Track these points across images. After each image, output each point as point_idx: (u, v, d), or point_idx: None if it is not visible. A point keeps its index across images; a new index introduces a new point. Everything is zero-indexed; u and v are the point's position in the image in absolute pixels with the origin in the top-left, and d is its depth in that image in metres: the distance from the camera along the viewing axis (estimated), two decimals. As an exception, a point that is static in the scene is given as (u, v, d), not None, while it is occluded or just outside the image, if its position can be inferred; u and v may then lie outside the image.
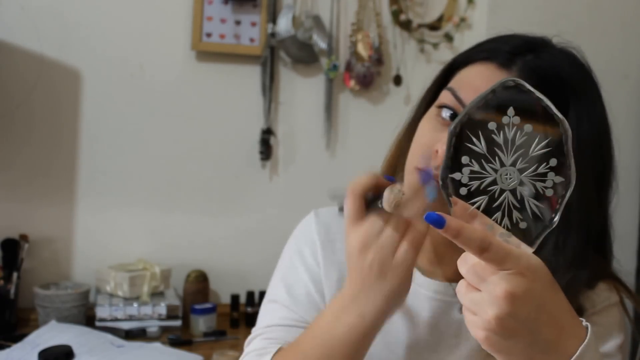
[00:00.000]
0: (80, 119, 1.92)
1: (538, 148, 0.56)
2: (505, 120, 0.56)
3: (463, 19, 2.18)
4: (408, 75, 2.11)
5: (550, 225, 0.57)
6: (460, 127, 0.57)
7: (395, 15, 2.12)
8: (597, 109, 0.80)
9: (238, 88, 2.03)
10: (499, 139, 0.56)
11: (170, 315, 1.78)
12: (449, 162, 0.57)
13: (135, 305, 1.76)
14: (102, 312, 1.73)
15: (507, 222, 0.57)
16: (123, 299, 1.78)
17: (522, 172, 0.56)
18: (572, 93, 0.77)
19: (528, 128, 0.56)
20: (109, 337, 1.64)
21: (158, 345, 1.65)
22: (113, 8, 1.92)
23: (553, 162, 0.55)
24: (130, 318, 1.75)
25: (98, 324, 1.72)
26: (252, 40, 2.01)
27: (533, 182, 0.56)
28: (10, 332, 1.68)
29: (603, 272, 0.85)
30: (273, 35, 2.00)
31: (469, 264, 0.57)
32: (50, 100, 1.89)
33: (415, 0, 2.16)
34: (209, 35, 1.97)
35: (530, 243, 0.57)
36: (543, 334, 0.56)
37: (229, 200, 2.05)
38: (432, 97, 0.85)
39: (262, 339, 0.84)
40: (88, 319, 1.76)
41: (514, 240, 0.57)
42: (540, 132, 0.56)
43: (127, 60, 1.94)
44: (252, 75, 2.03)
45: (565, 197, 0.56)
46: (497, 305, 0.54)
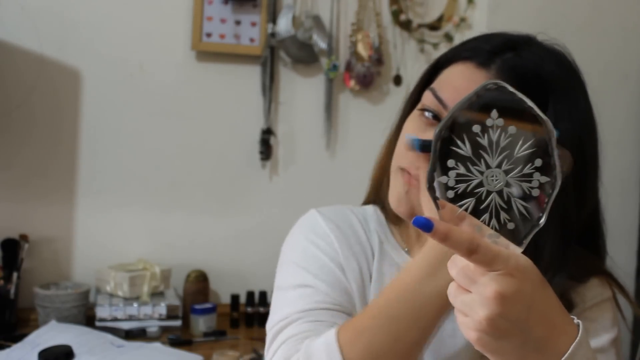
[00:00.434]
0: (80, 119, 1.92)
1: (523, 149, 0.56)
2: (489, 123, 0.56)
3: (463, 19, 2.18)
4: (408, 75, 2.11)
5: (538, 225, 0.57)
6: (445, 130, 0.58)
7: (395, 15, 2.12)
8: (579, 107, 0.79)
9: (238, 88, 2.03)
10: (484, 141, 0.57)
11: (170, 315, 1.78)
12: (436, 165, 0.58)
13: (135, 305, 1.76)
14: (102, 312, 1.73)
15: (495, 223, 0.57)
16: (123, 299, 1.78)
17: (507, 173, 0.57)
18: (551, 91, 0.76)
19: (512, 129, 0.56)
20: (109, 337, 1.64)
21: (158, 345, 1.65)
22: (113, 8, 1.92)
23: (538, 162, 0.56)
24: (130, 318, 1.75)
25: (98, 324, 1.72)
26: (252, 40, 2.01)
27: (519, 182, 0.57)
28: (10, 332, 1.68)
29: (595, 268, 0.85)
30: (273, 35, 2.00)
31: (459, 266, 0.57)
32: (50, 100, 1.89)
33: (415, 0, 2.16)
34: (209, 35, 1.98)
35: (519, 243, 0.58)
36: (534, 333, 0.57)
37: (229, 200, 2.05)
38: (417, 97, 0.85)
39: (304, 323, 0.80)
40: (88, 319, 1.76)
41: (503, 241, 0.57)
42: (525, 133, 0.56)
43: (127, 60, 1.94)
44: (252, 75, 2.03)
45: (552, 196, 0.56)
46: (487, 306, 0.55)
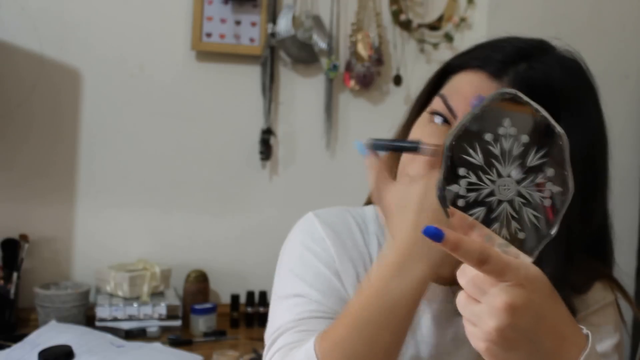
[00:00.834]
0: (80, 119, 1.92)
1: (535, 159, 0.56)
2: (502, 132, 0.56)
3: (463, 19, 2.18)
4: (408, 75, 2.11)
5: (549, 235, 0.57)
6: (457, 138, 0.57)
7: (395, 15, 2.12)
8: (591, 120, 0.78)
9: (238, 88, 2.03)
10: (496, 150, 0.56)
11: (170, 315, 1.78)
12: (446, 174, 0.57)
13: (135, 305, 1.76)
14: (102, 312, 1.73)
15: (505, 232, 0.57)
16: (123, 299, 1.78)
17: (519, 182, 0.56)
18: (563, 104, 0.74)
19: (525, 139, 0.56)
20: (109, 337, 1.64)
21: (158, 345, 1.65)
22: (113, 8, 1.92)
23: (550, 172, 0.56)
24: (130, 318, 1.75)
25: (98, 324, 1.72)
26: (252, 40, 2.01)
27: (531, 192, 0.56)
28: (10, 332, 1.68)
29: (598, 272, 0.84)
30: (273, 35, 2.00)
31: (469, 276, 0.57)
32: (50, 100, 1.89)
33: (415, 0, 2.16)
34: (209, 35, 1.97)
35: (529, 253, 0.57)
36: (544, 344, 0.56)
37: (229, 200, 2.05)
38: (425, 100, 0.84)
39: (294, 332, 0.81)
40: (88, 319, 1.76)
41: (513, 251, 0.57)
42: (537, 143, 0.56)
43: (127, 60, 1.94)
44: (252, 75, 2.03)
45: (564, 207, 0.56)
46: (497, 317, 0.54)
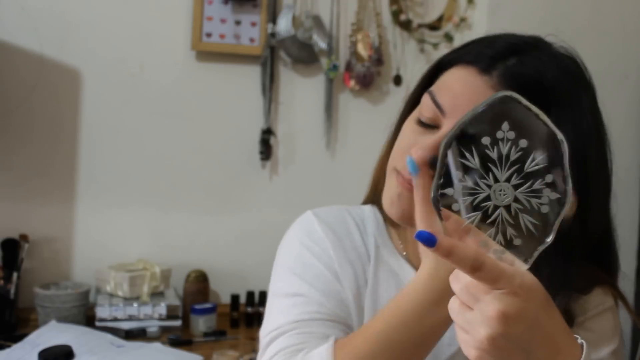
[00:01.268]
0: (80, 119, 1.92)
1: (533, 164, 0.55)
2: (500, 135, 0.55)
3: (463, 19, 2.18)
4: (408, 75, 2.11)
5: (545, 243, 0.56)
6: (453, 141, 0.56)
7: (395, 15, 2.12)
8: (585, 118, 0.75)
9: (238, 88, 2.03)
10: (493, 154, 0.55)
11: (170, 315, 1.78)
12: (441, 177, 0.56)
13: (135, 305, 1.76)
14: (102, 312, 1.73)
15: (501, 238, 0.56)
16: (123, 299, 1.78)
17: (516, 188, 0.55)
18: (554, 101, 0.72)
19: (523, 143, 0.54)
20: (109, 337, 1.64)
21: (158, 345, 1.65)
22: (113, 8, 1.92)
23: (549, 178, 0.54)
24: (130, 318, 1.75)
25: (98, 324, 1.72)
26: (252, 40, 2.01)
27: (528, 198, 0.55)
28: (10, 332, 1.68)
29: (598, 278, 0.83)
30: (273, 35, 2.00)
31: (462, 283, 0.56)
32: (50, 100, 1.89)
33: (415, 0, 2.16)
34: (209, 35, 1.97)
35: (525, 260, 0.56)
36: (537, 354, 0.56)
37: (229, 200, 2.05)
38: (417, 98, 0.83)
39: (295, 334, 0.78)
40: (88, 319, 1.76)
41: (508, 257, 0.56)
42: (536, 147, 0.54)
43: (127, 61, 1.94)
44: (252, 75, 2.03)
45: (561, 214, 0.55)
46: (489, 325, 0.54)
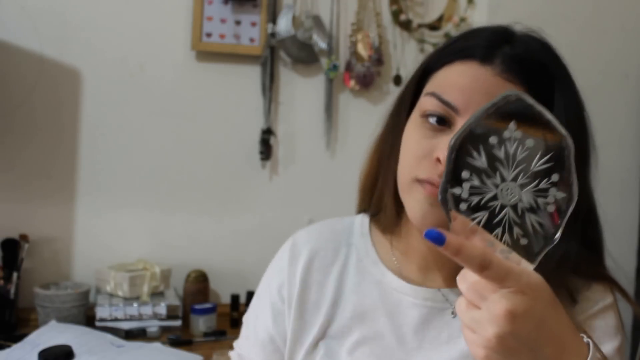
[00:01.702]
0: (80, 119, 1.92)
1: (540, 163, 0.55)
2: (507, 135, 0.55)
3: (463, 19, 2.18)
4: (408, 75, 2.10)
5: (552, 242, 0.56)
6: (461, 141, 0.56)
7: (395, 15, 2.12)
8: (574, 89, 0.79)
9: (238, 88, 2.03)
10: (500, 154, 0.55)
11: (170, 315, 1.78)
12: (449, 176, 0.56)
13: (135, 305, 1.76)
14: (102, 312, 1.73)
15: (507, 238, 0.56)
16: (123, 299, 1.78)
17: (523, 187, 0.55)
18: (555, 77, 0.76)
19: (530, 142, 0.55)
20: (109, 337, 1.64)
21: (158, 345, 1.65)
22: (113, 8, 1.92)
23: (555, 177, 0.55)
24: (130, 318, 1.75)
25: (98, 324, 1.72)
26: (252, 40, 2.01)
27: (534, 197, 0.55)
28: (10, 332, 1.68)
29: (598, 273, 0.83)
30: (273, 35, 2.00)
31: (469, 282, 0.56)
32: (50, 100, 1.89)
33: (415, 0, 2.16)
34: (209, 35, 1.97)
35: (531, 259, 0.56)
36: (544, 352, 0.56)
37: (229, 200, 2.05)
38: (409, 104, 0.83)
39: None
40: (88, 319, 1.76)
41: (515, 257, 0.56)
42: (543, 147, 0.54)
43: (127, 60, 1.94)
44: (252, 75, 2.03)
45: (567, 213, 0.55)
46: (497, 324, 0.54)
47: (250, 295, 1.93)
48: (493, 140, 0.55)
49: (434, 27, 2.17)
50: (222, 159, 2.04)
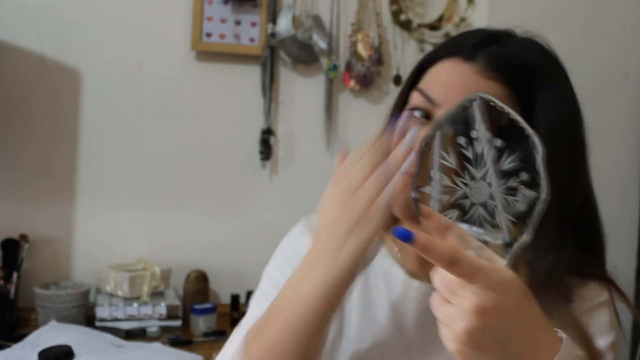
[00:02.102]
0: (80, 119, 1.92)
1: (508, 162, 0.56)
2: (475, 135, 0.56)
3: (463, 19, 2.18)
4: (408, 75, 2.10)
5: (523, 239, 0.57)
6: (430, 141, 0.57)
7: (395, 15, 2.12)
8: (565, 92, 0.80)
9: (238, 88, 2.03)
10: (469, 154, 0.56)
11: (170, 315, 1.78)
12: (420, 176, 0.57)
13: (135, 305, 1.76)
14: (102, 312, 1.73)
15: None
16: (123, 299, 1.78)
17: (492, 186, 0.56)
18: (538, 79, 0.77)
19: (497, 142, 0.56)
20: (109, 337, 1.64)
21: (158, 345, 1.65)
22: (113, 8, 1.92)
23: (524, 176, 0.55)
24: (130, 318, 1.75)
25: (98, 324, 1.72)
26: (252, 40, 2.01)
27: (504, 196, 0.56)
28: (10, 332, 1.68)
29: (595, 272, 0.84)
30: (273, 35, 2.00)
31: (441, 277, 0.57)
32: (50, 100, 1.89)
33: (415, 0, 2.16)
34: (209, 35, 1.97)
35: (504, 256, 0.57)
36: (515, 348, 0.57)
37: (229, 200, 2.05)
38: (405, 100, 0.85)
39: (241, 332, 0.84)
40: (88, 319, 1.76)
41: (488, 254, 0.57)
42: (511, 146, 0.56)
43: (127, 60, 1.94)
44: (252, 75, 2.03)
45: (537, 211, 0.56)
46: (467, 319, 0.55)
47: (250, 295, 1.93)
48: (461, 140, 0.56)
49: (434, 27, 2.17)
50: (222, 159, 2.04)
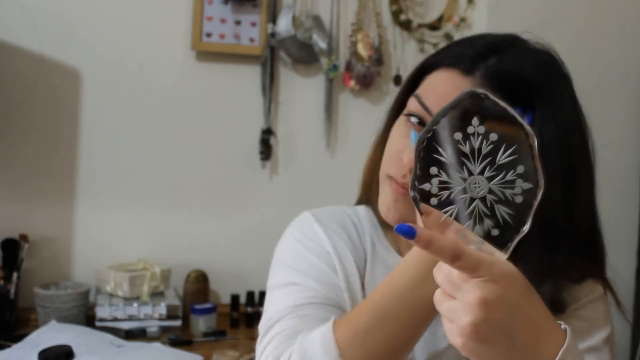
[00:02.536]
0: (80, 119, 1.92)
1: (505, 156, 0.56)
2: (471, 130, 0.56)
3: (463, 19, 2.18)
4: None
5: (522, 232, 0.57)
6: (427, 138, 0.58)
7: (395, 15, 2.12)
8: (565, 108, 0.78)
9: (238, 88, 2.03)
10: (466, 149, 0.57)
11: (170, 315, 1.78)
12: (418, 173, 0.58)
13: (135, 305, 1.76)
14: (102, 312, 1.73)
15: (479, 229, 0.58)
16: (123, 299, 1.78)
17: (490, 180, 0.57)
18: (536, 94, 0.76)
19: (494, 136, 0.56)
20: (109, 337, 1.64)
21: (158, 345, 1.65)
22: (113, 8, 1.92)
23: (520, 169, 0.56)
24: (130, 318, 1.75)
25: (98, 324, 1.72)
26: (252, 40, 2.01)
27: (502, 189, 0.57)
28: (10, 332, 1.69)
29: (590, 271, 0.84)
30: (273, 35, 2.00)
31: (444, 273, 0.58)
32: (50, 100, 1.89)
33: (415, 0, 2.16)
34: (209, 35, 1.97)
35: (504, 250, 0.58)
36: (520, 339, 0.57)
37: (229, 200, 2.05)
38: (402, 102, 0.85)
39: (292, 318, 0.80)
40: (88, 319, 1.76)
41: (487, 248, 0.58)
42: (507, 140, 0.56)
43: (127, 60, 1.94)
44: (252, 75, 2.03)
45: (535, 203, 0.56)
46: (471, 312, 0.55)
47: (250, 295, 1.94)
48: (458, 136, 0.57)
49: (434, 27, 2.17)
50: (222, 159, 2.04)
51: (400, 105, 0.86)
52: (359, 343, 0.72)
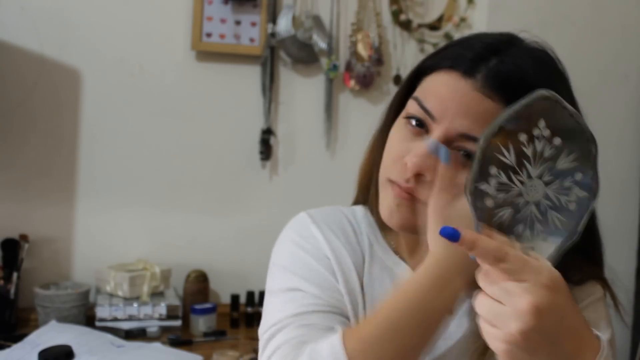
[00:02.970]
0: (80, 119, 1.92)
1: (565, 162, 0.56)
2: (536, 133, 0.56)
3: (463, 19, 2.18)
4: (408, 76, 2.10)
5: (572, 240, 0.57)
6: (492, 136, 0.57)
7: (395, 15, 2.12)
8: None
9: (238, 88, 2.03)
10: (528, 151, 0.56)
11: (170, 315, 1.78)
12: (478, 171, 0.57)
13: (135, 305, 1.76)
14: (102, 312, 1.73)
15: (528, 234, 0.57)
16: (123, 299, 1.78)
17: (547, 185, 0.56)
18: None
19: (557, 141, 0.56)
20: (109, 337, 1.64)
21: (158, 345, 1.65)
22: (113, 8, 1.92)
23: (578, 176, 0.56)
24: (130, 318, 1.75)
25: (98, 324, 1.72)
26: (252, 40, 2.01)
27: (557, 195, 0.56)
28: (10, 332, 1.69)
29: (591, 273, 0.84)
30: (273, 35, 2.00)
31: (490, 277, 0.57)
32: (50, 100, 1.89)
33: (415, 0, 2.16)
34: (209, 35, 1.97)
35: (551, 256, 0.57)
36: (564, 347, 0.57)
37: (229, 200, 2.05)
38: (400, 104, 0.84)
39: (295, 327, 0.79)
40: (88, 319, 1.76)
41: (533, 255, 0.57)
42: (569, 146, 0.56)
43: (127, 60, 1.94)
44: (252, 75, 2.03)
45: (588, 211, 0.56)
46: (522, 319, 0.54)
47: (250, 295, 1.94)
48: (522, 138, 0.56)
49: (434, 27, 2.17)
50: (222, 159, 2.04)
51: (398, 107, 0.85)
52: (370, 355, 0.72)
